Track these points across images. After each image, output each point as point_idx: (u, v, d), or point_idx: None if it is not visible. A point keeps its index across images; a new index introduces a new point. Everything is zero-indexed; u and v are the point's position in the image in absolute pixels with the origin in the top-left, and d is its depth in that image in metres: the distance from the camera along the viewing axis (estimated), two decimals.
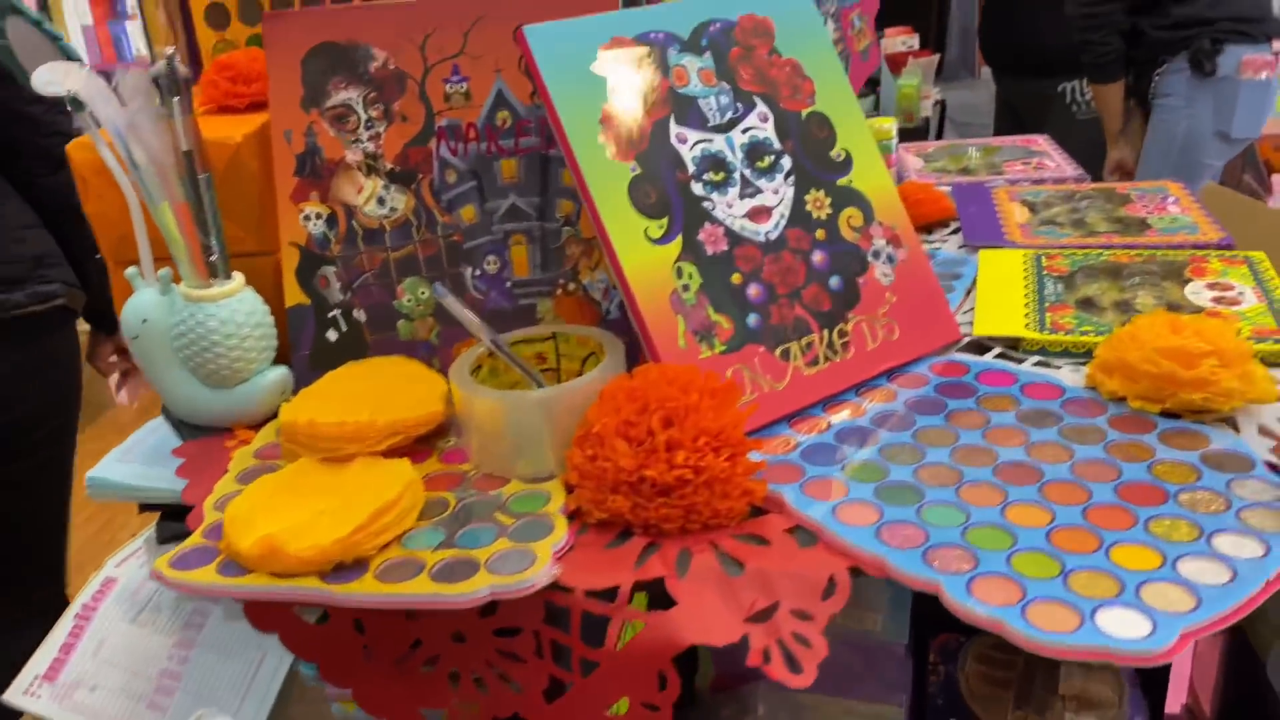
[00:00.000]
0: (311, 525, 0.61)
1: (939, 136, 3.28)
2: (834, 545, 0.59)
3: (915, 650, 0.81)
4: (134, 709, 0.88)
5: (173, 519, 0.76)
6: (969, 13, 5.70)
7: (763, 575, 0.58)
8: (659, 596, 0.58)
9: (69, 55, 0.72)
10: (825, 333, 0.75)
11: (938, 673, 0.84)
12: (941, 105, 3.26)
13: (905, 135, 2.89)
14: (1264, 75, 2.17)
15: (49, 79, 0.68)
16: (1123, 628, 0.50)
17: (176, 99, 0.72)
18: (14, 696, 0.89)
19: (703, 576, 0.58)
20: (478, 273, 0.80)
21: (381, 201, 0.79)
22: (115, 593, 0.96)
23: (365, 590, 0.58)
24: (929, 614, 0.80)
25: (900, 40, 3.06)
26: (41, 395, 1.48)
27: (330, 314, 0.80)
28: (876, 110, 3.11)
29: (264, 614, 0.65)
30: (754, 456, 0.64)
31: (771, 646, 0.54)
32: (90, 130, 0.75)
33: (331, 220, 0.79)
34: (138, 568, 0.98)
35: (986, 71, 4.65)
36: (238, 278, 0.77)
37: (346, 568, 0.60)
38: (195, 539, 0.65)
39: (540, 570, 0.58)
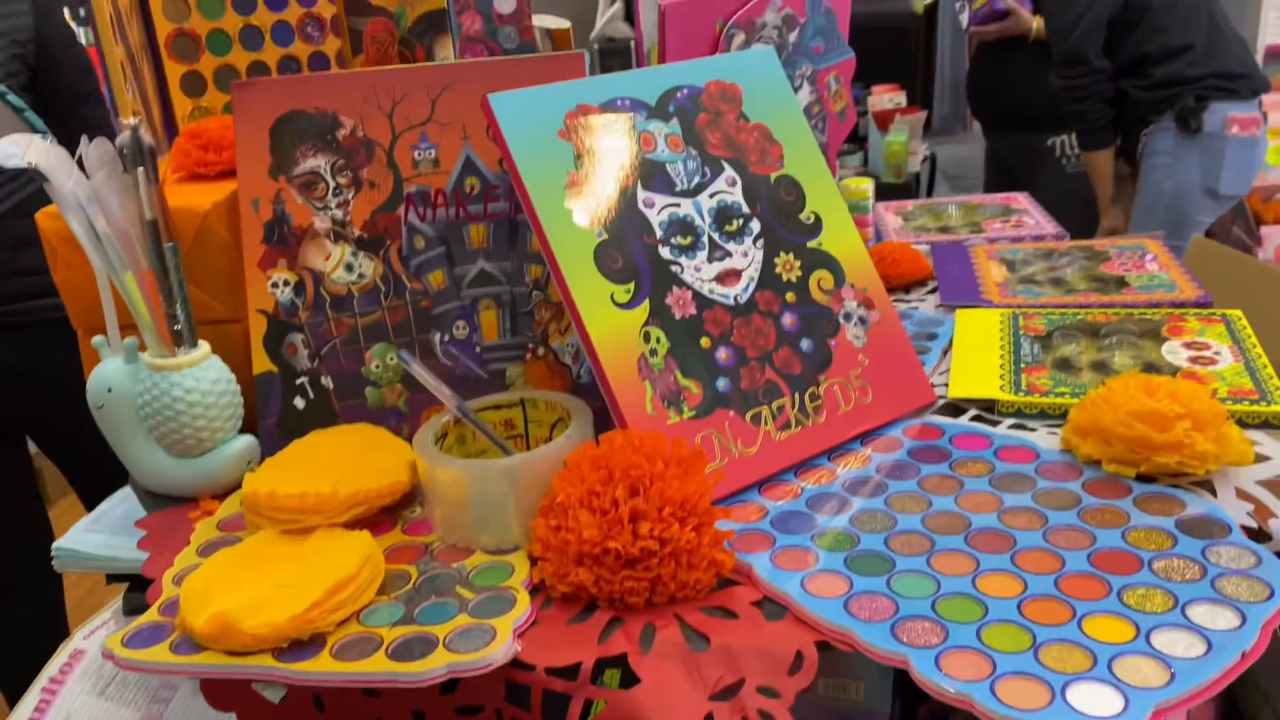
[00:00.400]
0: (267, 601, 0.59)
1: (930, 191, 3.30)
2: (803, 618, 0.57)
3: (900, 719, 0.79)
4: None
5: (139, 590, 0.75)
6: (960, 67, 5.78)
7: (728, 651, 0.56)
8: (628, 675, 0.57)
9: (33, 127, 0.72)
10: (797, 396, 0.74)
11: None
12: (932, 160, 3.29)
13: (894, 191, 2.91)
14: (1251, 132, 2.20)
15: (10, 151, 0.68)
16: (1094, 704, 0.49)
17: (141, 169, 0.72)
18: None
19: (667, 653, 0.56)
20: (447, 338, 0.79)
21: (350, 268, 0.79)
22: (83, 665, 0.94)
23: (321, 669, 0.57)
24: (913, 682, 0.78)
25: (887, 98, 3.09)
26: None
27: (298, 381, 0.79)
28: (865, 166, 3.14)
29: (221, 692, 0.63)
30: (723, 525, 0.63)
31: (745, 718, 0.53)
32: (58, 199, 0.75)
33: (299, 287, 0.79)
34: (104, 640, 0.96)
35: (978, 125, 4.71)
36: (203, 346, 0.76)
37: (303, 644, 0.58)
38: (151, 615, 0.63)
39: (500, 647, 0.56)
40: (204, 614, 0.59)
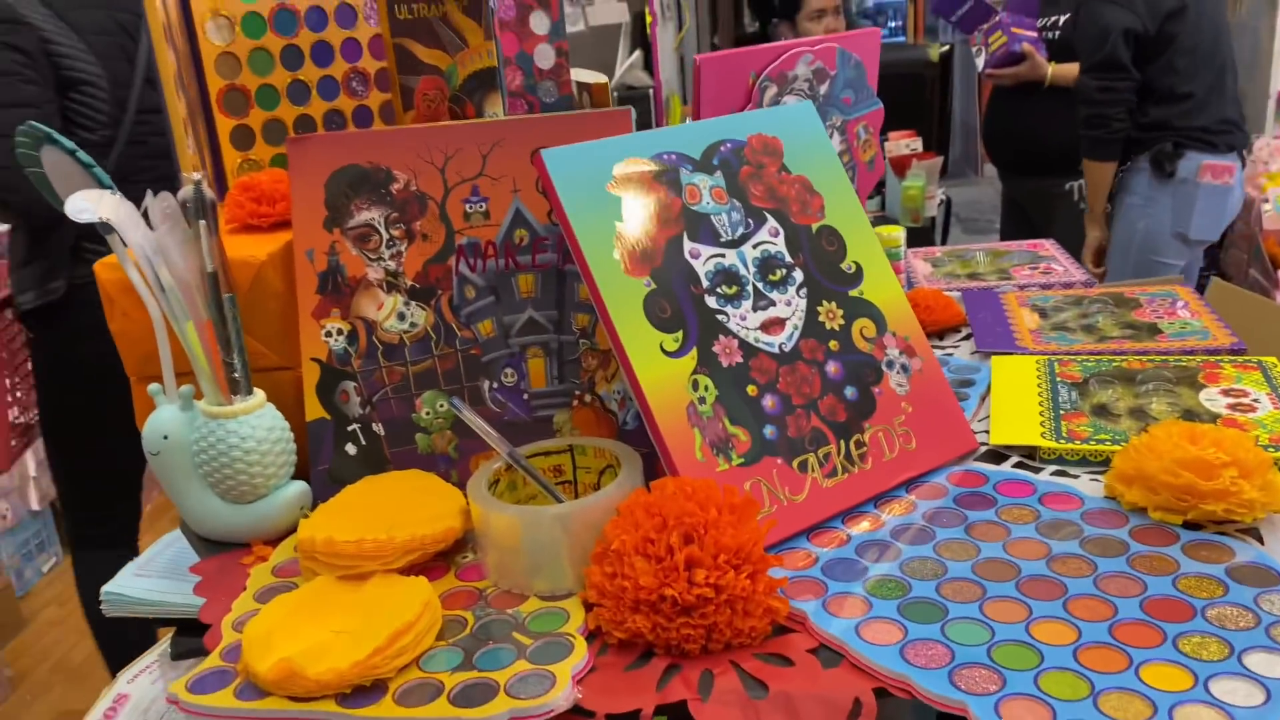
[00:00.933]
0: (329, 647, 0.60)
1: (945, 235, 3.32)
2: (858, 664, 0.58)
3: None
4: None
5: (187, 634, 0.76)
6: (970, 110, 5.84)
7: (787, 698, 0.57)
8: (679, 717, 0.57)
9: (101, 182, 0.74)
10: (842, 444, 0.75)
11: None
12: (947, 204, 3.32)
13: (912, 236, 2.93)
14: (1224, 180, 2.22)
15: (82, 206, 0.70)
16: None
17: (203, 222, 0.74)
18: None
19: (726, 700, 0.57)
20: (495, 385, 0.80)
21: (402, 317, 0.81)
22: (127, 709, 0.95)
23: (383, 714, 0.58)
24: None
25: (904, 143, 3.12)
26: None
27: (350, 428, 0.81)
28: (883, 211, 3.17)
29: None
30: (775, 573, 0.64)
31: None
32: (118, 251, 0.77)
33: (352, 336, 0.81)
34: (149, 683, 0.97)
35: (990, 168, 4.74)
36: (258, 394, 0.78)
37: (365, 690, 0.59)
38: (213, 660, 0.64)
39: (560, 694, 0.57)
40: (268, 660, 0.60)
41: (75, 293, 1.72)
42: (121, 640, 1.98)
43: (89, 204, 0.70)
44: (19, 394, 1.90)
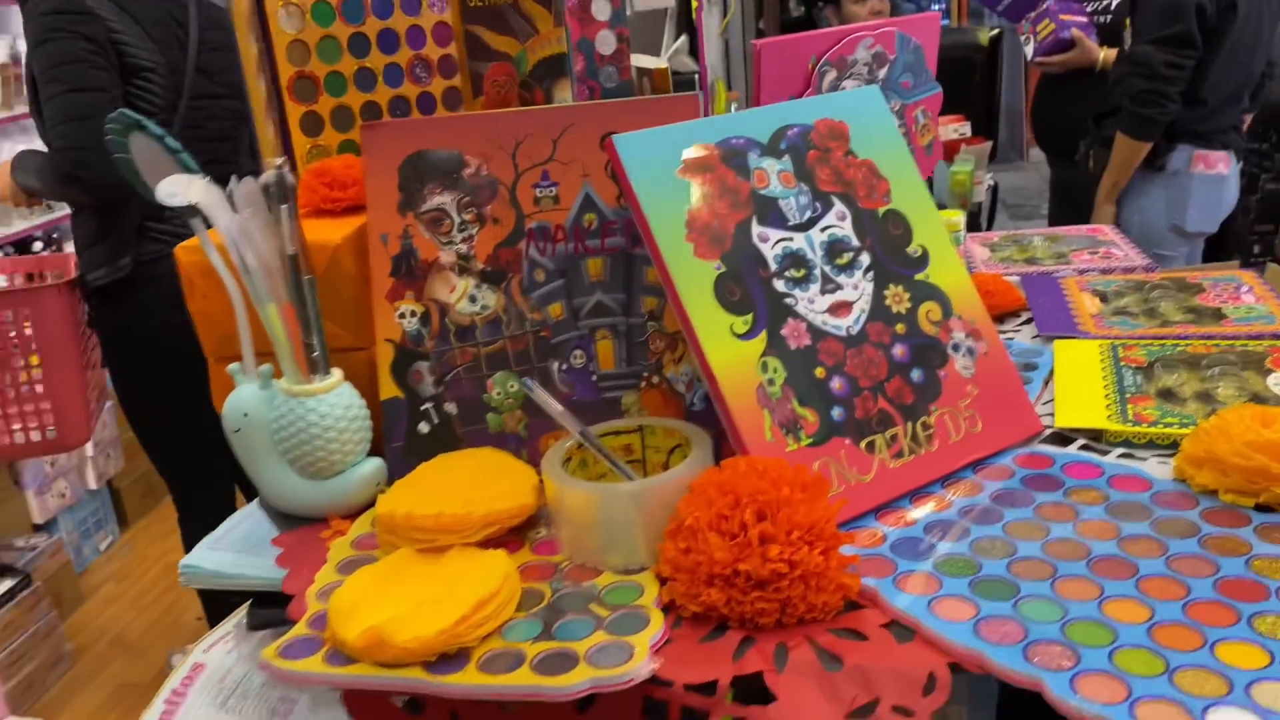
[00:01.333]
0: (414, 616, 0.62)
1: (991, 220, 3.29)
2: (932, 640, 0.59)
3: None
4: None
5: (265, 606, 0.78)
6: (1016, 95, 5.76)
7: (862, 671, 0.58)
8: (746, 691, 0.59)
9: (188, 167, 0.77)
10: (909, 425, 0.76)
11: None
12: (994, 189, 3.28)
13: None
14: (1218, 170, 2.17)
15: (172, 190, 0.73)
16: None
17: (284, 206, 0.76)
18: None
19: (802, 671, 0.58)
20: (564, 367, 0.82)
21: (473, 299, 0.83)
22: (203, 678, 0.98)
23: (469, 681, 0.60)
24: (1013, 708, 0.79)
25: (953, 128, 3.09)
26: None
27: (423, 407, 0.83)
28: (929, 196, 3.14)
29: (363, 704, 0.66)
30: (846, 550, 0.65)
31: None
32: (200, 234, 0.79)
33: (425, 318, 0.83)
34: (225, 653, 1.00)
35: (1035, 153, 4.68)
36: (336, 373, 0.80)
37: (449, 658, 0.61)
38: (300, 629, 0.67)
39: (640, 663, 0.59)
40: (355, 628, 0.62)
41: (141, 269, 1.79)
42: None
43: (179, 189, 0.72)
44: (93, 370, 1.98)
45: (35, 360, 1.85)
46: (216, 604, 2.21)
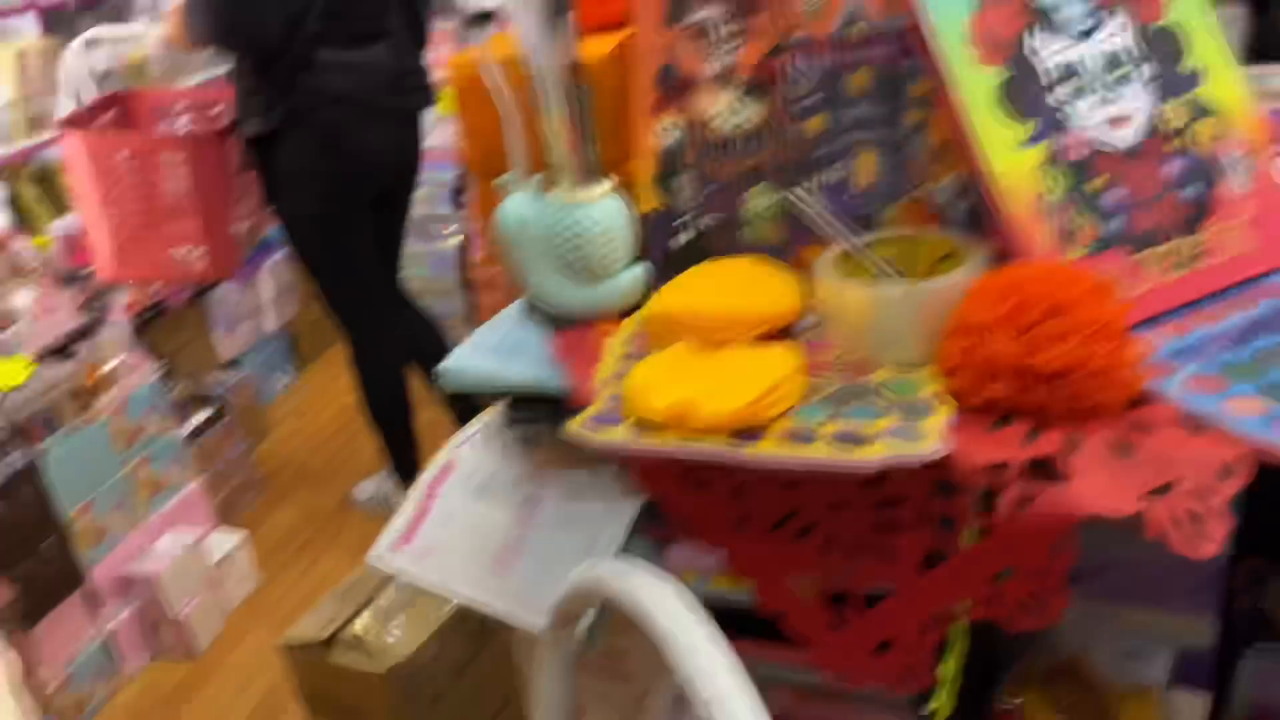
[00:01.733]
0: (713, 394, 0.67)
1: None
2: (1225, 434, 0.61)
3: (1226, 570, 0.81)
4: (480, 574, 0.98)
5: (521, 406, 0.85)
6: None
7: (1156, 456, 0.60)
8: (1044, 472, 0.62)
9: None
10: (1183, 241, 0.76)
11: (1247, 594, 0.84)
12: None
13: None
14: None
15: None
16: None
17: (566, 15, 0.79)
18: (378, 553, 1.00)
19: (1094, 454, 0.61)
20: (824, 181, 0.84)
21: (735, 113, 0.85)
22: (455, 475, 1.07)
23: (770, 451, 0.64)
24: (1239, 534, 0.80)
25: None
26: None
27: (682, 219, 0.86)
28: None
29: (654, 476, 0.72)
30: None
31: (1176, 516, 0.57)
32: (481, 47, 0.83)
33: (686, 131, 0.85)
34: (473, 452, 1.08)
35: None
36: (607, 182, 0.84)
37: (747, 433, 0.66)
38: (597, 407, 0.72)
39: (934, 443, 0.62)
40: (663, 400, 0.67)
41: (291, 117, 1.99)
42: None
43: None
44: (242, 209, 2.22)
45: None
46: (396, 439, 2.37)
